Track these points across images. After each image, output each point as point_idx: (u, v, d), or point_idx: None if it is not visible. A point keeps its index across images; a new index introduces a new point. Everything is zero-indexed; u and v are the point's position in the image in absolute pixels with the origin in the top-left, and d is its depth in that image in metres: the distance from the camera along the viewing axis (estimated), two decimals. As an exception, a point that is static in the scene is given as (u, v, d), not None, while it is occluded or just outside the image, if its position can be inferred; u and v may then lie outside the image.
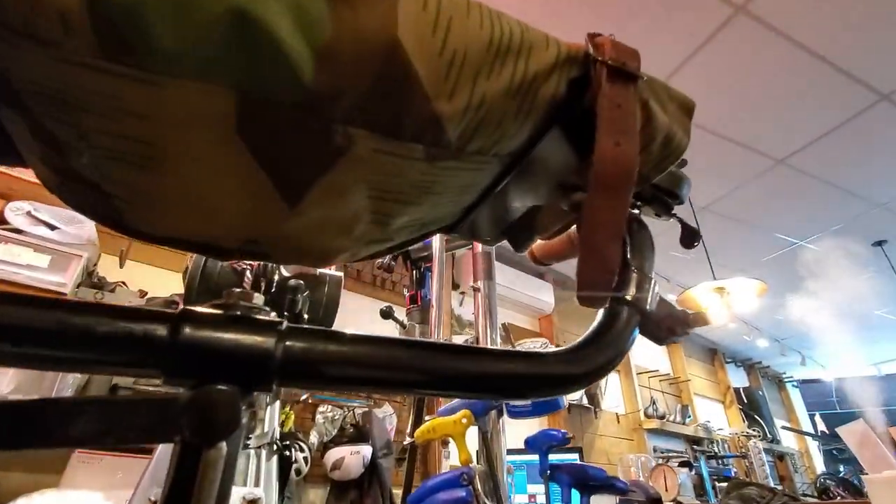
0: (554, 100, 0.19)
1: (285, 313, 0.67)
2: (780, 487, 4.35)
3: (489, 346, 0.18)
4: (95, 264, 1.92)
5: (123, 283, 1.97)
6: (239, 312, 0.17)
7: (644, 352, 4.41)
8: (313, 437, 2.13)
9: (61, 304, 0.14)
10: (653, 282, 0.23)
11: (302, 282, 0.65)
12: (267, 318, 0.16)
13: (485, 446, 0.65)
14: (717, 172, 2.73)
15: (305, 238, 0.21)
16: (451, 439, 0.72)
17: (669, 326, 0.23)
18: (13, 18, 0.13)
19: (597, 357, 0.20)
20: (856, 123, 2.32)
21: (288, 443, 0.47)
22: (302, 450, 1.96)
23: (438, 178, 0.20)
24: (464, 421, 0.63)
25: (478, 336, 0.84)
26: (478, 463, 0.70)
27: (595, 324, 0.22)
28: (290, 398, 2.15)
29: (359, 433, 2.21)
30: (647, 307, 0.22)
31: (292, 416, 2.13)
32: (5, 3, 0.13)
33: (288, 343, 0.16)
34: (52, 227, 1.79)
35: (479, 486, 0.62)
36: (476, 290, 0.86)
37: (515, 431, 0.94)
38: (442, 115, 0.17)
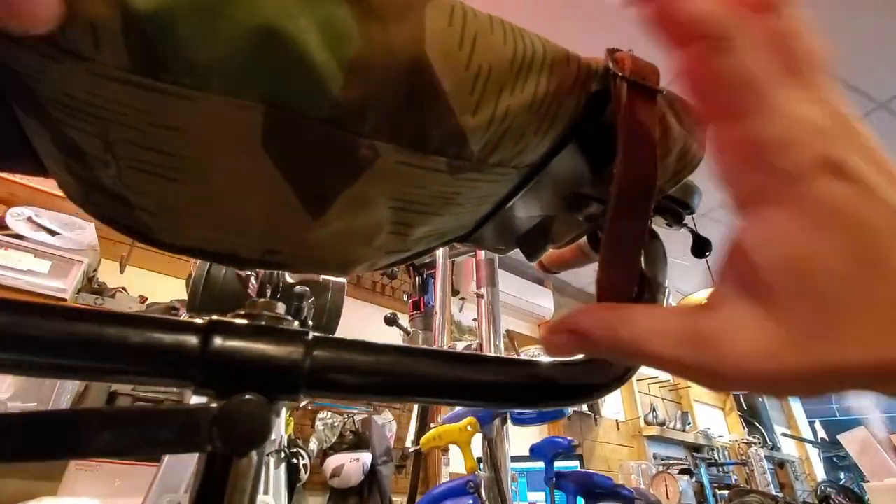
0: (574, 114, 0.19)
1: (293, 318, 0.67)
2: (780, 495, 4.34)
3: (515, 356, 0.18)
4: (96, 270, 1.91)
5: (124, 288, 1.97)
6: (264, 323, 0.17)
7: (643, 358, 4.40)
8: (313, 444, 2.12)
9: (95, 316, 0.14)
10: (667, 291, 0.23)
11: (308, 289, 0.65)
12: (293, 328, 0.16)
13: (490, 453, 0.65)
14: (714, 179, 2.74)
15: (326, 248, 0.21)
16: (451, 446, 0.72)
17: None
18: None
19: (614, 367, 0.20)
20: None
21: (295, 450, 0.47)
22: (301, 457, 1.95)
23: (459, 190, 0.20)
24: (469, 428, 0.63)
25: (481, 343, 0.84)
26: (482, 470, 0.70)
27: None
28: (290, 404, 2.14)
29: (358, 440, 2.20)
30: None
31: (291, 423, 2.12)
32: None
33: (315, 353, 0.16)
34: (53, 233, 1.79)
35: (483, 494, 0.61)
36: (479, 296, 0.86)
37: (517, 438, 0.94)
38: (466, 128, 0.17)
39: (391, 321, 0.83)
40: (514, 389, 0.18)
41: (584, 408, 3.50)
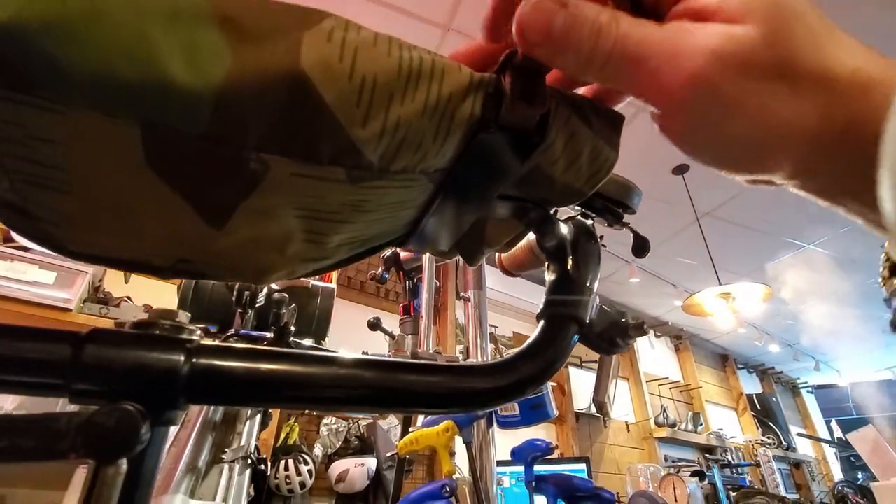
0: (472, 118, 0.19)
1: (272, 327, 0.68)
2: (795, 496, 4.25)
3: (417, 361, 0.18)
4: (101, 280, 1.94)
5: (129, 297, 1.99)
6: (157, 332, 0.17)
7: (653, 359, 4.36)
8: (318, 450, 2.12)
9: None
10: (593, 293, 0.23)
11: (286, 295, 0.65)
12: (179, 336, 0.16)
13: (470, 457, 0.65)
14: (720, 176, 2.71)
15: (238, 257, 0.21)
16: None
17: (610, 337, 0.23)
18: None
19: (526, 369, 0.20)
20: None
21: (264, 457, 0.47)
22: (306, 462, 1.96)
23: (366, 197, 0.20)
24: (447, 432, 0.63)
25: (468, 346, 0.84)
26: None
27: (532, 336, 0.22)
28: (295, 411, 2.14)
29: (363, 445, 2.20)
30: (587, 319, 0.22)
31: (297, 429, 2.13)
32: None
33: (196, 360, 0.16)
34: (58, 244, 1.81)
35: (466, 498, 0.61)
36: (466, 300, 0.86)
37: (518, 440, 0.93)
38: (357, 139, 0.17)
39: (374, 325, 0.83)
40: (411, 393, 0.18)
41: (593, 410, 3.47)
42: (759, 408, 4.83)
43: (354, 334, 1.11)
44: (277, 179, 0.18)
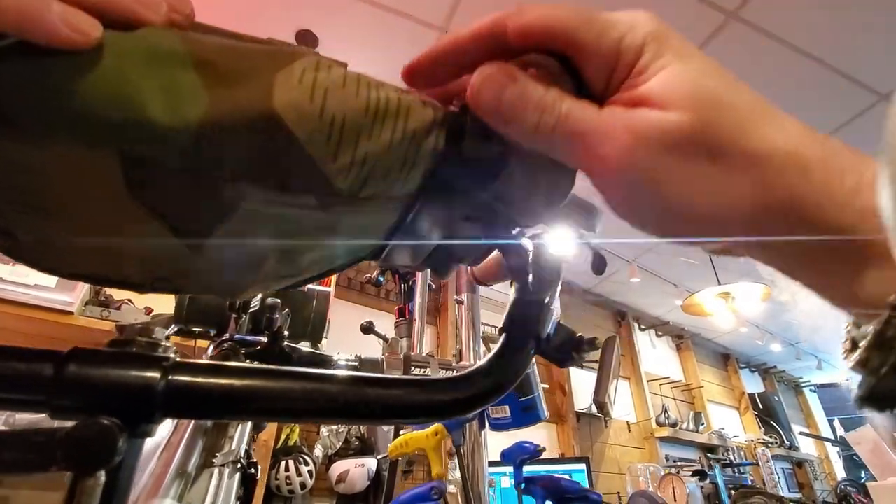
0: (435, 152, 0.21)
1: (265, 331, 0.69)
2: (798, 495, 4.24)
3: (381, 376, 0.19)
4: (102, 283, 1.96)
5: (129, 300, 2.01)
6: (134, 349, 0.19)
7: (654, 359, 4.36)
8: (318, 451, 2.14)
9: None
10: (551, 311, 0.24)
11: (279, 301, 0.67)
12: (156, 353, 0.18)
13: (460, 460, 0.66)
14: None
15: (214, 275, 0.22)
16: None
17: (567, 351, 0.24)
18: None
19: (485, 383, 0.21)
20: (856, 124, 2.30)
21: (255, 461, 0.48)
22: (306, 463, 1.98)
23: (338, 220, 0.21)
24: (436, 435, 0.64)
25: (461, 349, 0.85)
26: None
27: (493, 350, 0.23)
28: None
29: (363, 446, 2.22)
30: (544, 334, 0.24)
31: (297, 430, 2.15)
32: None
33: (172, 377, 0.17)
34: (60, 248, 1.83)
35: (458, 500, 0.62)
36: (460, 303, 0.87)
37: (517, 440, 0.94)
38: (328, 172, 0.18)
39: (367, 329, 0.84)
40: (376, 406, 0.19)
41: (594, 409, 3.47)
42: (761, 407, 4.82)
43: (353, 336, 1.12)
44: (252, 206, 0.19)
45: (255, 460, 0.47)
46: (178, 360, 0.18)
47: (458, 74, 0.22)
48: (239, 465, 0.44)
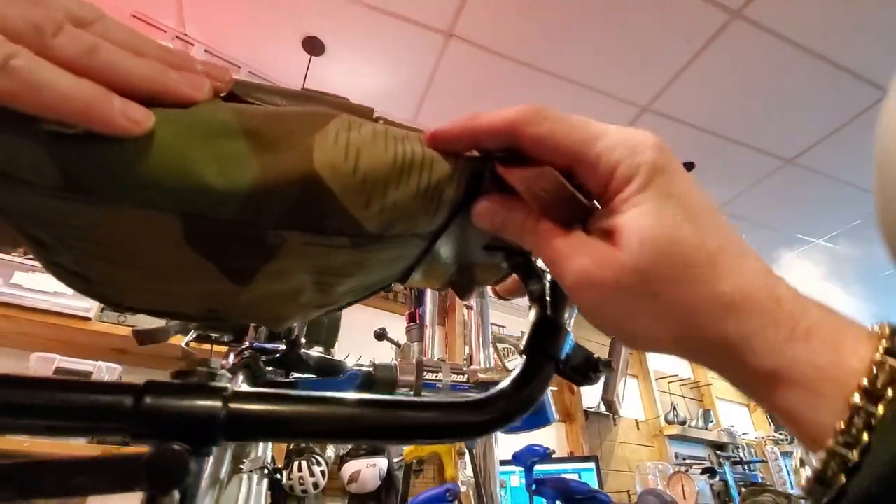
0: (457, 197, 0.23)
1: (283, 339, 0.72)
2: (795, 493, 4.22)
3: (415, 399, 0.21)
4: (117, 289, 1.99)
5: (144, 305, 2.04)
6: (197, 379, 0.21)
7: (663, 356, 4.35)
8: (330, 451, 2.17)
9: (52, 384, 0.18)
10: (569, 333, 0.26)
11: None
12: (217, 384, 0.20)
13: (472, 462, 0.68)
14: (725, 175, 2.72)
15: (257, 308, 0.24)
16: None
17: (584, 371, 0.26)
18: None
19: (508, 405, 0.23)
20: (863, 120, 2.29)
21: (279, 466, 0.50)
22: (319, 463, 2.01)
23: (367, 257, 0.24)
24: (451, 440, 0.66)
25: (471, 353, 0.87)
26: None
27: (513, 374, 0.25)
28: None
29: (374, 446, 2.25)
30: (562, 356, 0.26)
31: (309, 431, 2.18)
32: None
33: (231, 405, 0.19)
34: (77, 256, 1.87)
35: (471, 501, 0.64)
36: (469, 308, 0.89)
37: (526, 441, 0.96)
38: (360, 218, 0.21)
39: (380, 336, 0.87)
40: (410, 428, 0.21)
41: (603, 408, 3.49)
42: (770, 404, 4.80)
43: (358, 335, 1.15)
44: (291, 248, 0.21)
45: (280, 466, 0.50)
46: (235, 389, 0.20)
47: (476, 147, 0.25)
48: (266, 471, 0.46)
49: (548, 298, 0.27)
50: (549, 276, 0.29)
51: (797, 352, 0.18)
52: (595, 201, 0.23)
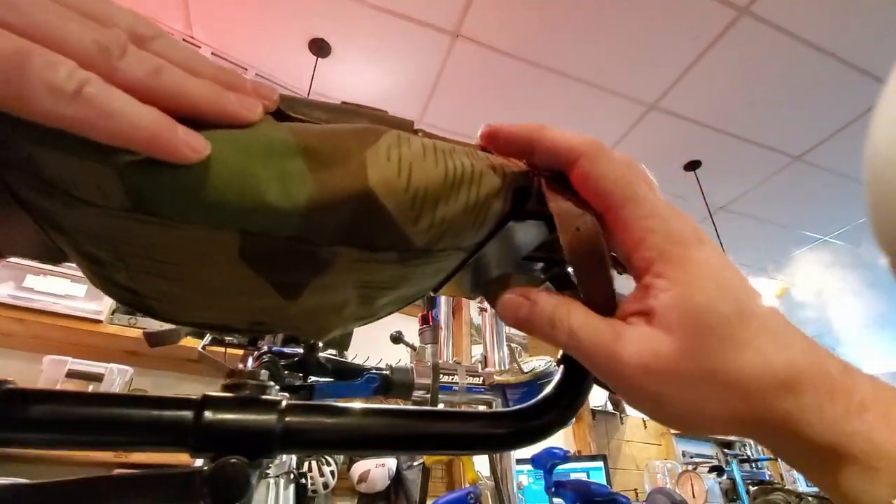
0: (503, 209, 0.23)
1: (301, 343, 0.72)
2: (805, 491, 4.20)
3: (455, 410, 0.21)
4: (128, 291, 2.01)
5: (154, 307, 2.05)
6: (248, 392, 0.21)
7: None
8: (339, 451, 2.18)
9: (115, 400, 0.18)
10: None
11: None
12: (270, 397, 0.20)
13: (491, 464, 0.69)
14: (732, 172, 2.71)
15: (303, 320, 0.25)
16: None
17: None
18: (61, 185, 0.18)
19: (550, 416, 0.23)
20: (871, 117, 2.28)
21: (304, 471, 0.51)
22: (329, 464, 2.02)
23: (412, 271, 0.24)
24: (471, 443, 0.66)
25: (486, 355, 0.88)
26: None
27: (552, 384, 0.25)
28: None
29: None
30: None
31: (318, 431, 2.20)
32: (56, 177, 0.17)
33: (287, 419, 0.20)
34: (88, 259, 1.88)
35: (490, 502, 0.65)
36: (483, 310, 0.90)
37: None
38: (410, 233, 0.21)
39: (397, 339, 0.87)
40: (452, 438, 0.22)
41: (609, 407, 3.48)
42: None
43: (374, 339, 1.15)
44: (342, 264, 0.22)
45: (304, 470, 0.50)
46: (288, 402, 0.20)
47: (528, 158, 0.25)
48: (292, 476, 0.47)
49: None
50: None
51: (854, 427, 0.18)
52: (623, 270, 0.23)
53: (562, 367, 0.26)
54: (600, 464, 2.37)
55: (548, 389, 0.25)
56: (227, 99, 0.19)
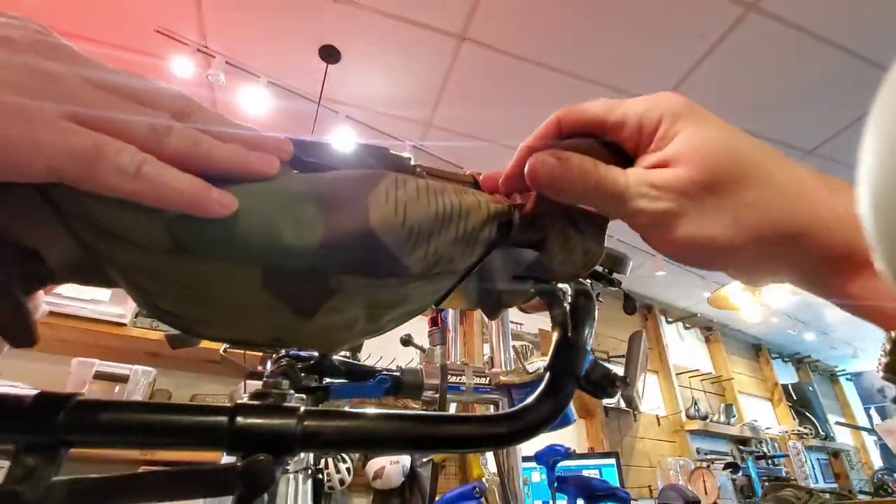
0: (490, 239, 0.26)
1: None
2: (833, 485, 4.16)
3: (451, 413, 0.25)
4: (149, 295, 2.07)
5: (174, 310, 2.11)
6: (272, 399, 0.25)
7: (683, 351, 4.33)
8: (354, 449, 2.23)
9: (165, 408, 0.22)
10: (588, 352, 0.30)
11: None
12: (291, 404, 0.24)
13: (497, 460, 0.72)
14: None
15: (317, 336, 0.28)
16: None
17: (602, 386, 0.30)
18: (117, 231, 0.21)
19: (534, 417, 0.27)
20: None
21: (321, 466, 0.54)
22: (345, 461, 2.07)
23: (412, 291, 0.27)
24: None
25: (493, 356, 0.91)
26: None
27: (539, 389, 0.28)
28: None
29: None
30: (583, 372, 0.29)
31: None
32: (113, 222, 0.21)
33: (305, 422, 0.23)
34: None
35: (496, 498, 0.68)
36: (490, 313, 0.93)
37: (542, 437, 1.00)
38: (407, 263, 0.25)
39: (406, 342, 0.91)
40: (452, 439, 0.25)
41: (622, 404, 3.49)
42: (795, 398, 4.73)
43: (384, 340, 1.19)
44: (350, 289, 0.25)
45: (321, 466, 0.54)
46: (305, 409, 0.24)
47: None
48: (310, 472, 0.51)
49: (569, 321, 0.30)
50: (571, 296, 0.32)
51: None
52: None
53: (548, 374, 0.29)
54: (612, 461, 2.39)
55: (535, 394, 0.28)
56: (250, 158, 0.23)
